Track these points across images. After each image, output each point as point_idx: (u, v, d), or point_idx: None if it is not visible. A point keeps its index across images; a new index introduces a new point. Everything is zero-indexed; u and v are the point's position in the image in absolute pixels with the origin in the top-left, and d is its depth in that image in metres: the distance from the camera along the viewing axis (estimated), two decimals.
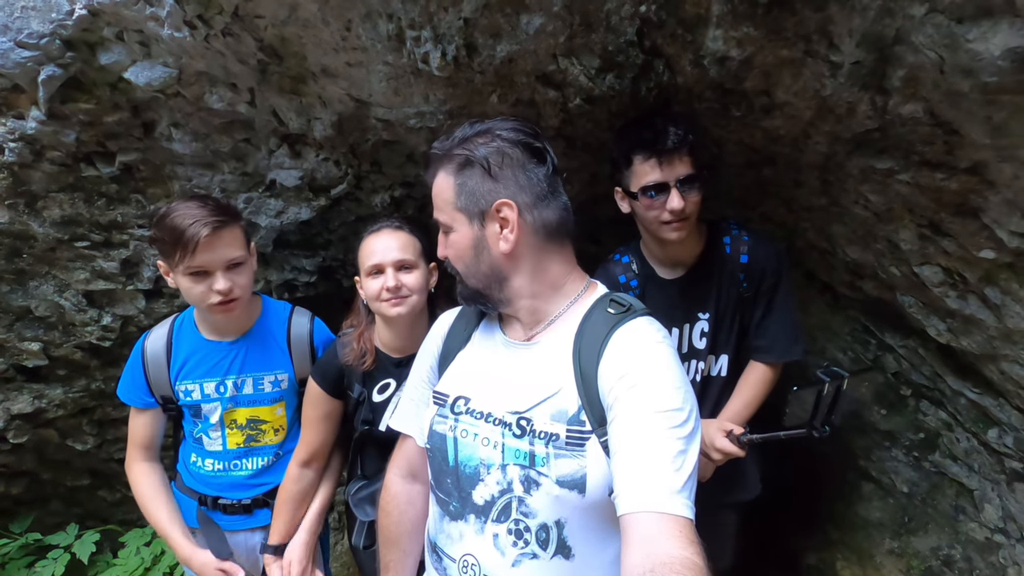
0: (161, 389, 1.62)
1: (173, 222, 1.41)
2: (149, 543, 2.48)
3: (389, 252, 1.52)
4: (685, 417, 0.89)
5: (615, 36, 1.33)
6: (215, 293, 1.46)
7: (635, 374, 0.92)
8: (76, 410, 2.21)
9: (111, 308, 2.01)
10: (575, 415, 0.96)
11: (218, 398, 1.62)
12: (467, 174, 1.01)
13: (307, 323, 1.71)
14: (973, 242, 1.41)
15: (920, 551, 2.23)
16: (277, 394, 1.66)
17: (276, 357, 1.66)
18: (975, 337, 1.65)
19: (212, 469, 1.66)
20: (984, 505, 2.02)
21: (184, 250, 1.40)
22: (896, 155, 1.35)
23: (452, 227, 1.04)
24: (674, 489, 0.82)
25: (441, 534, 1.08)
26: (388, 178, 1.88)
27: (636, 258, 1.72)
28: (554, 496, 0.94)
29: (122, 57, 1.52)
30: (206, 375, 1.62)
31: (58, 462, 2.36)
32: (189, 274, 1.45)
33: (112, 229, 1.86)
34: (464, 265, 1.05)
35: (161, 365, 1.61)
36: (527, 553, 0.97)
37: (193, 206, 1.45)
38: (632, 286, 1.70)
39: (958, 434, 2.07)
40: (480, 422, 1.03)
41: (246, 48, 1.48)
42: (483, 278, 1.04)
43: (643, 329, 0.99)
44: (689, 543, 0.78)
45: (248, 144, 1.77)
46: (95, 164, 1.72)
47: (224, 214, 1.47)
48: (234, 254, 1.49)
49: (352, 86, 1.54)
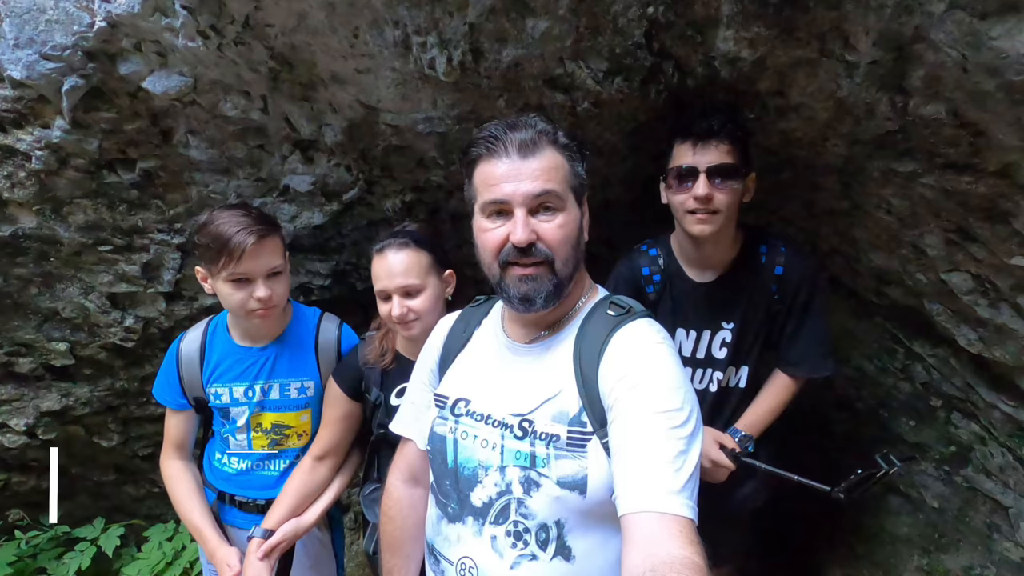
0: (194, 391, 1.66)
1: (219, 229, 1.43)
2: (171, 538, 2.56)
3: (393, 279, 1.48)
4: (685, 417, 0.88)
5: (622, 38, 1.31)
6: (256, 300, 1.48)
7: (635, 375, 0.92)
8: (102, 408, 2.28)
9: (133, 310, 2.07)
10: (576, 416, 0.96)
11: (246, 402, 1.64)
12: (571, 156, 1.01)
13: (335, 329, 1.72)
14: (1004, 248, 1.33)
15: (951, 570, 2.13)
16: (303, 401, 1.68)
17: (304, 364, 1.68)
18: (1008, 347, 1.57)
19: (236, 468, 1.70)
20: (1020, 524, 1.91)
21: (230, 257, 1.42)
22: (919, 157, 1.28)
23: (564, 204, 0.98)
24: (674, 489, 0.82)
25: (439, 536, 1.07)
26: (399, 183, 1.88)
27: (664, 252, 1.65)
28: (554, 497, 0.94)
29: (140, 67, 1.56)
30: (236, 379, 1.64)
31: (85, 458, 2.44)
32: (232, 281, 1.47)
33: (133, 234, 1.91)
34: (571, 247, 1.00)
35: (195, 368, 1.65)
36: (526, 554, 0.96)
37: (238, 214, 1.47)
38: (655, 280, 1.63)
39: (992, 448, 1.97)
40: (480, 424, 1.04)
41: (257, 56, 1.50)
42: (576, 265, 1.02)
43: (643, 330, 0.99)
44: (689, 543, 0.78)
45: (262, 150, 1.80)
46: (117, 171, 1.78)
47: (267, 223, 1.50)
48: (275, 263, 1.51)
49: (361, 92, 1.55)
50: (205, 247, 1.47)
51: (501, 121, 1.01)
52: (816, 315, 1.57)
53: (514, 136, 0.97)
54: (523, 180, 0.95)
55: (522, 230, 0.94)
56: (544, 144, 0.98)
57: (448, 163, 1.75)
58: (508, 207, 0.96)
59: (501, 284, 1.00)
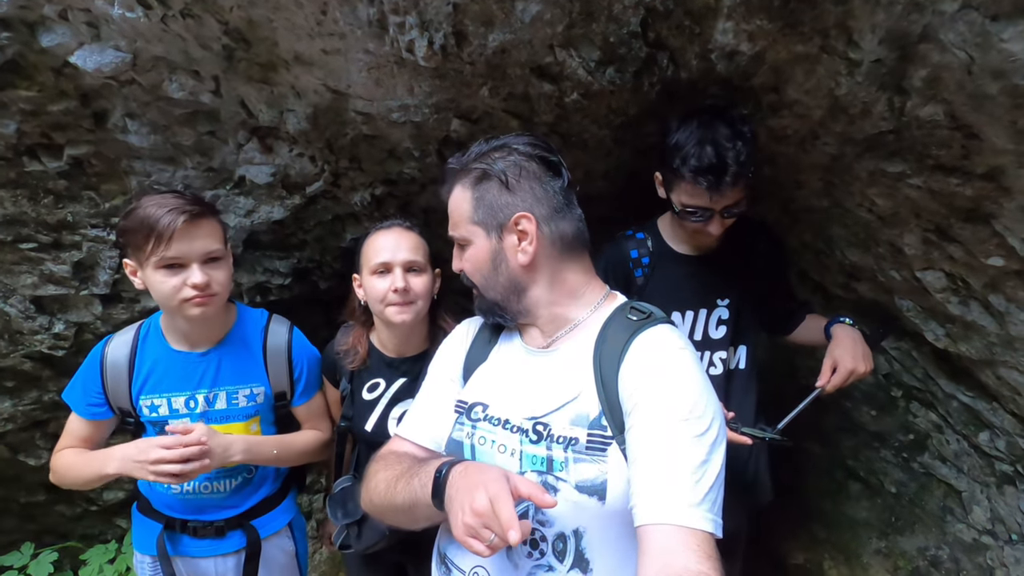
0: (119, 401, 1.47)
1: (146, 211, 1.28)
2: (113, 560, 2.33)
3: (399, 251, 1.45)
4: (707, 425, 0.86)
5: (617, 26, 1.24)
6: (190, 287, 1.33)
7: (656, 380, 0.90)
8: (27, 423, 2.04)
9: (63, 315, 1.85)
10: (596, 419, 0.94)
11: (187, 414, 1.48)
12: (484, 187, 1.02)
13: (285, 333, 1.57)
14: (982, 249, 1.36)
15: (907, 551, 2.24)
16: (252, 409, 1.53)
17: (251, 369, 1.53)
18: (974, 343, 1.62)
19: (181, 491, 1.51)
20: (973, 507, 2.02)
21: (159, 239, 1.27)
22: (909, 158, 1.29)
23: (470, 240, 1.05)
24: (694, 501, 0.80)
25: (452, 544, 1.04)
26: (368, 175, 1.75)
27: (652, 235, 1.63)
28: (573, 502, 0.91)
29: (67, 39, 1.36)
30: (174, 388, 1.47)
31: (9, 478, 2.18)
32: (162, 267, 1.31)
33: (62, 229, 1.69)
34: (482, 278, 1.06)
35: (122, 376, 1.46)
36: (542, 565, 0.93)
37: (168, 196, 1.33)
38: (643, 263, 1.61)
39: (948, 436, 2.06)
40: (498, 429, 1.01)
41: (209, 32, 1.33)
42: (501, 290, 1.04)
43: (664, 336, 0.97)
44: (707, 557, 0.76)
45: (213, 137, 1.62)
46: (40, 158, 1.56)
47: (201, 204, 1.36)
48: (212, 247, 1.36)
49: (329, 76, 1.41)
50: (132, 233, 1.30)
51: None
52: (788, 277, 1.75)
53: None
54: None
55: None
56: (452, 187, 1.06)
57: (423, 155, 1.63)
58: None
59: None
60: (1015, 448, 1.79)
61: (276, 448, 1.53)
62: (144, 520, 1.57)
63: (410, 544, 1.39)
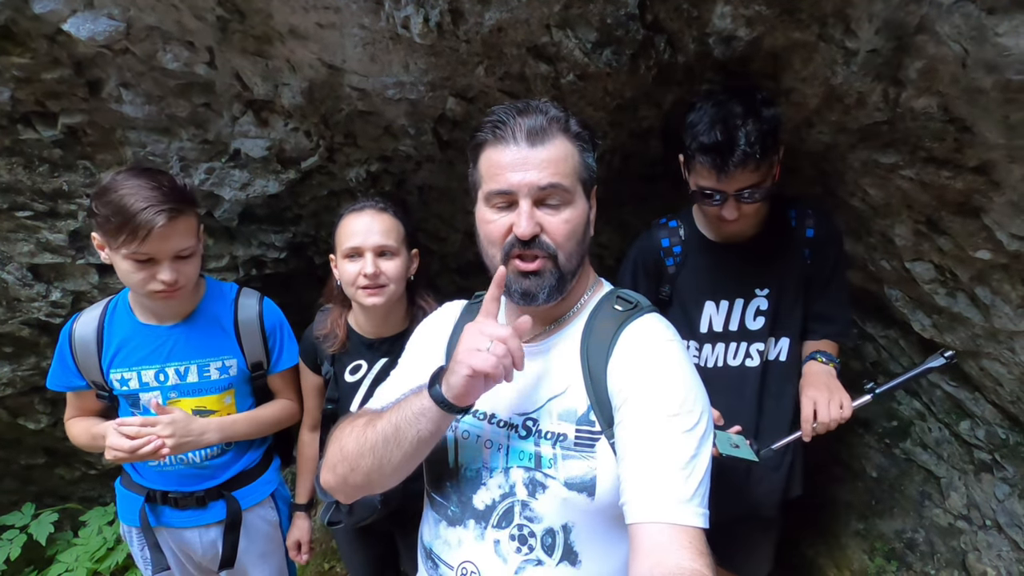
0: (92, 375, 1.49)
1: (123, 201, 1.24)
2: (112, 522, 2.40)
3: (370, 236, 1.42)
4: (696, 419, 0.86)
5: (615, 8, 1.22)
6: (159, 283, 1.33)
7: (644, 374, 0.89)
8: (26, 388, 2.08)
9: (60, 283, 1.86)
10: (584, 415, 0.92)
11: (158, 387, 1.49)
12: (583, 145, 0.95)
13: (255, 304, 1.58)
14: (971, 242, 1.37)
15: (884, 533, 2.30)
16: (225, 382, 1.54)
17: (221, 342, 1.53)
18: (959, 334, 1.65)
19: (158, 464, 1.53)
20: (950, 493, 2.07)
21: (133, 235, 1.25)
22: (903, 150, 1.29)
23: (572, 198, 0.93)
24: (684, 498, 0.79)
25: (438, 540, 1.02)
26: (364, 151, 1.74)
27: (685, 223, 1.55)
28: (562, 499, 0.91)
29: (59, 6, 1.34)
30: (143, 362, 1.48)
31: (10, 441, 2.23)
32: (133, 260, 1.31)
33: (58, 198, 1.69)
34: (576, 243, 0.94)
35: (91, 351, 1.47)
36: (531, 560, 0.92)
37: (146, 186, 1.27)
38: (675, 252, 1.54)
39: (930, 424, 2.10)
40: (483, 423, 0.99)
41: (203, 2, 1.32)
42: (580, 260, 0.97)
43: (652, 327, 0.95)
44: (699, 554, 0.76)
45: (208, 109, 1.61)
46: (34, 126, 1.55)
47: (181, 200, 1.32)
48: (185, 244, 1.35)
49: (324, 50, 1.40)
50: (105, 219, 1.27)
51: (511, 104, 0.93)
52: (843, 277, 1.54)
53: (523, 122, 0.90)
54: (530, 170, 0.89)
55: (526, 222, 0.88)
56: (555, 132, 0.91)
57: (419, 132, 1.62)
58: (513, 197, 0.90)
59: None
60: (994, 437, 1.82)
61: (248, 424, 1.58)
62: (127, 493, 1.60)
63: (398, 513, 1.43)
